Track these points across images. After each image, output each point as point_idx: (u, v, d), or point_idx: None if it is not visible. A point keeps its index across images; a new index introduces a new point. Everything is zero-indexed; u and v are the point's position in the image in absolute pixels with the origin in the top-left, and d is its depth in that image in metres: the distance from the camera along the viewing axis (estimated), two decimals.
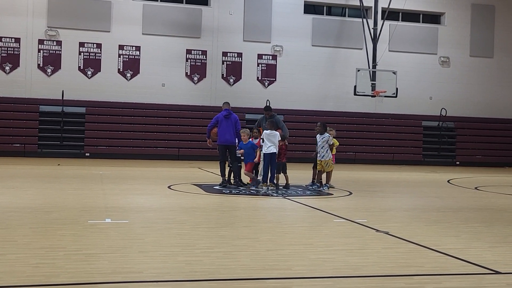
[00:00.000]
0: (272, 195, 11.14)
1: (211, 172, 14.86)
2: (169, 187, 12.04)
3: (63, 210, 8.19)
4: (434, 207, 10.07)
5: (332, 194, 11.62)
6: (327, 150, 12.30)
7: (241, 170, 12.47)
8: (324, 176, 12.66)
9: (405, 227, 7.66)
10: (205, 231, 6.95)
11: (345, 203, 10.36)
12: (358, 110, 26.13)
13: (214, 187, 12.18)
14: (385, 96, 23.90)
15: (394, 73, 24.00)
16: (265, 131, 12.47)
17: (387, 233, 6.97)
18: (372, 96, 24.03)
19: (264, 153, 12.45)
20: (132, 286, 4.45)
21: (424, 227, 7.72)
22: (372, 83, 23.67)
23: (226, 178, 12.44)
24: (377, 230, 7.15)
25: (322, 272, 5.07)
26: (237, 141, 12.42)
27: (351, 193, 11.89)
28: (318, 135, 12.47)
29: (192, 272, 4.89)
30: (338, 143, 12.69)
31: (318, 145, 12.43)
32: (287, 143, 12.97)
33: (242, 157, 12.29)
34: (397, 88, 23.81)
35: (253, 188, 11.99)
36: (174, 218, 7.90)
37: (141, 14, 24.23)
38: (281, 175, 12.38)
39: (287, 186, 12.35)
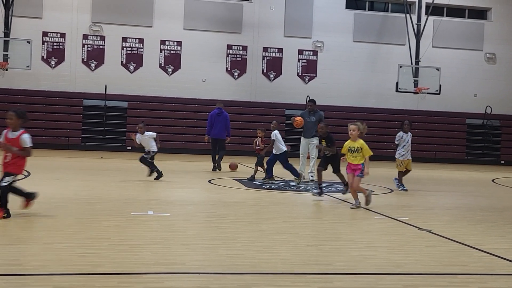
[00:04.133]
0: (312, 191, 11.10)
1: (251, 167, 14.89)
2: (209, 181, 12.13)
3: (106, 202, 8.36)
4: (478, 206, 9.86)
5: (373, 191, 11.49)
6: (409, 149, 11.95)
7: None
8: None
9: (449, 225, 7.53)
10: (245, 225, 6.98)
11: (386, 200, 10.25)
12: (400, 107, 25.75)
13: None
14: (428, 93, 23.49)
15: (438, 69, 23.55)
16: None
17: (429, 231, 6.87)
18: (415, 93, 23.65)
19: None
20: (175, 277, 4.51)
21: (468, 226, 7.57)
22: (414, 80, 23.30)
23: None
24: (419, 228, 7.05)
25: (363, 268, 5.04)
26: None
27: (392, 191, 11.75)
28: (402, 133, 11.97)
29: (233, 265, 4.92)
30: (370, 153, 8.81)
31: (406, 144, 11.93)
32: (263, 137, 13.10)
33: None
34: (440, 85, 23.35)
35: (294, 184, 12.02)
36: (215, 212, 7.97)
37: (183, 9, 24.44)
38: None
39: (251, 178, 12.46)
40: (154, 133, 12.23)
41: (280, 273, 4.73)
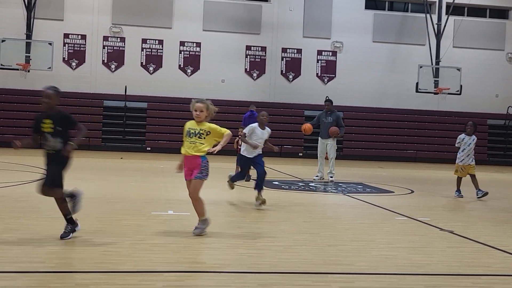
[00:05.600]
0: (331, 192, 11.05)
1: (270, 168, 14.88)
2: (228, 181, 12.10)
3: (127, 201, 8.41)
4: (501, 207, 9.74)
5: (393, 192, 11.41)
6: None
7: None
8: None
9: (471, 226, 7.44)
10: (265, 225, 6.97)
11: (407, 201, 10.16)
12: (420, 108, 25.54)
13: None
14: (449, 94, 23.27)
15: (458, 69, 23.34)
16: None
17: (451, 232, 6.79)
18: (435, 93, 23.45)
19: None
20: (195, 276, 4.52)
21: (491, 227, 7.47)
22: (435, 80, 23.11)
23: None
24: (441, 229, 6.97)
25: (385, 269, 5.00)
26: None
27: (412, 191, 11.66)
28: (464, 135, 10.94)
29: (253, 264, 4.91)
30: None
31: (468, 148, 10.85)
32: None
33: None
34: (461, 85, 23.15)
35: (313, 185, 11.97)
36: (235, 211, 7.97)
37: (202, 10, 24.53)
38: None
39: (247, 178, 11.79)
40: None
41: (300, 273, 4.70)
